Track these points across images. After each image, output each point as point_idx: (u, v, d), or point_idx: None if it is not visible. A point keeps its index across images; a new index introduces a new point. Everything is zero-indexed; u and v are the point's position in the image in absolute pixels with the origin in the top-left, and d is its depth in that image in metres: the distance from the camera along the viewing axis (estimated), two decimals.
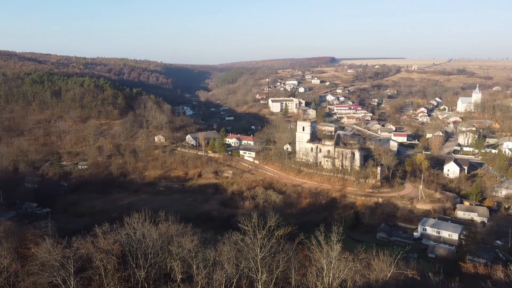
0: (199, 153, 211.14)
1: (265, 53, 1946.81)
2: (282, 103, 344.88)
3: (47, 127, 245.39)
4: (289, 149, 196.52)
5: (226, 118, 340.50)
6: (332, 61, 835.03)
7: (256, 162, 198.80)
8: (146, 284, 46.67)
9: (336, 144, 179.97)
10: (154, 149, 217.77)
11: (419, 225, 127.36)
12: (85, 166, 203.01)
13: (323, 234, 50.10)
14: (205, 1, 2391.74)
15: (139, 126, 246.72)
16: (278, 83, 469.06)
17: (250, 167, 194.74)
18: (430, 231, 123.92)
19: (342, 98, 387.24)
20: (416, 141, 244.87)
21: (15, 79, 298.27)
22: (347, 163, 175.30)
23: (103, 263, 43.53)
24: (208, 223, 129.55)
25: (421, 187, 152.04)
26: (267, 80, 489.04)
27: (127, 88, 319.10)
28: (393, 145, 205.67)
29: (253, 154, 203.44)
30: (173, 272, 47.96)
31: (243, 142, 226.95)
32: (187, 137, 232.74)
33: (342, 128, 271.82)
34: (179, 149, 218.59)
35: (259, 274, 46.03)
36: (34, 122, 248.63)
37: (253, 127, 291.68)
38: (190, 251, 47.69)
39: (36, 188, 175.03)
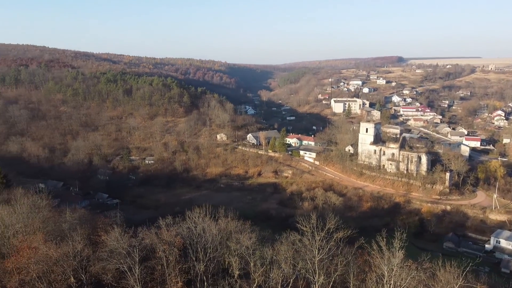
0: (260, 152, 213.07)
1: (328, 53, 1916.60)
2: (345, 104, 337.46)
3: (118, 123, 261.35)
4: (351, 151, 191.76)
5: (287, 118, 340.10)
6: (400, 60, 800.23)
7: (317, 163, 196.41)
8: (205, 277, 47.94)
9: (401, 147, 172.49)
10: (216, 147, 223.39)
11: (492, 237, 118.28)
12: (152, 161, 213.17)
13: (384, 239, 48.08)
14: (272, 3, 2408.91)
15: (202, 124, 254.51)
16: (342, 83, 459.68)
17: (310, 167, 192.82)
18: (504, 244, 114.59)
19: (409, 100, 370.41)
20: (491, 147, 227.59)
21: (92, 78, 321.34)
22: (412, 167, 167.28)
23: (166, 254, 45.38)
24: (266, 221, 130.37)
25: (495, 196, 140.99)
26: (330, 80, 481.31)
27: (192, 87, 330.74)
28: (465, 150, 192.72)
29: (313, 154, 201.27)
30: (230, 267, 48.80)
31: (304, 142, 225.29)
32: (248, 136, 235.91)
33: (408, 131, 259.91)
34: (240, 147, 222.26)
35: (316, 276, 45.35)
36: (108, 119, 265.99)
37: (314, 127, 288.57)
38: (248, 248, 48.20)
39: (108, 180, 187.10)
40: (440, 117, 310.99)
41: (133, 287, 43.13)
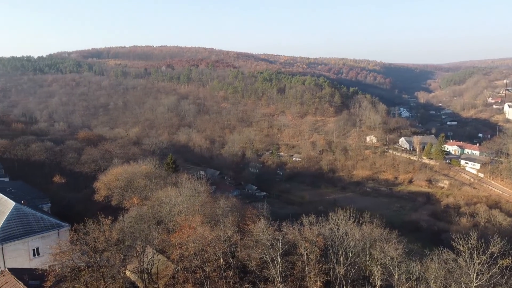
0: (412, 157, 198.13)
1: (505, 51, 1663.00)
2: None
3: (270, 120, 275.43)
4: None
5: (448, 123, 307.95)
6: None
7: (481, 175, 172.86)
8: (344, 282, 46.94)
9: None
10: (364, 149, 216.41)
11: None
12: (299, 159, 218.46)
13: None
14: None
15: (352, 125, 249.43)
16: None
17: (472, 180, 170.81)
18: None
19: None
20: None
21: (250, 77, 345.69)
22: None
23: (307, 251, 45.94)
24: (415, 233, 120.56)
25: None
26: (505, 81, 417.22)
27: (344, 87, 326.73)
28: None
29: (477, 165, 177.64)
30: (372, 276, 46.64)
31: (466, 151, 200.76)
32: (400, 140, 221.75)
33: None
34: (390, 151, 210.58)
35: None
36: (261, 115, 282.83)
37: (480, 134, 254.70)
38: (393, 259, 45.30)
39: (257, 173, 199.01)
40: None
41: (274, 278, 44.88)
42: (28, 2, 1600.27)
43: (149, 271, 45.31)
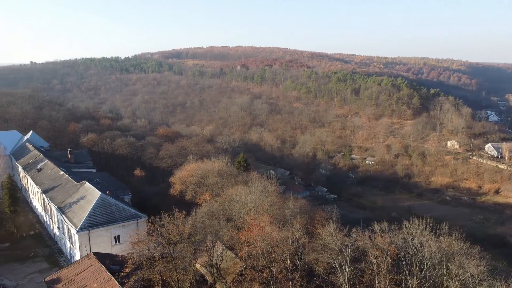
0: (500, 166, 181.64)
1: None
2: None
3: (343, 121, 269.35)
4: None
5: None
6: None
7: None
8: None
9: None
10: (445, 155, 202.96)
11: None
12: (372, 162, 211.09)
13: None
14: None
15: (431, 129, 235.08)
16: None
17: None
18: None
19: None
20: None
21: (324, 77, 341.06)
22: None
23: (377, 260, 44.10)
24: (501, 249, 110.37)
25: None
26: None
27: (424, 88, 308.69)
28: None
29: None
30: None
31: None
32: (486, 146, 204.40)
33: None
34: (474, 158, 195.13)
35: None
36: (334, 116, 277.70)
37: None
38: (473, 276, 41.83)
39: (328, 175, 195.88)
40: None
41: (342, 284, 43.74)
42: (116, 9, 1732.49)
43: (218, 266, 46.62)
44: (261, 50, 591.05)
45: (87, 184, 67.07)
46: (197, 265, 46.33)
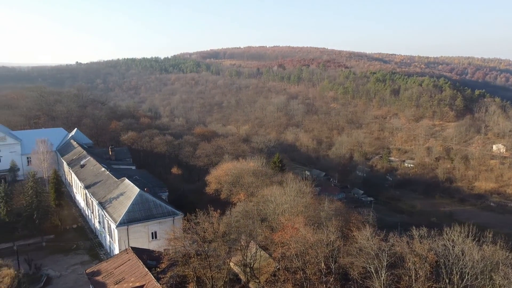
0: None
1: None
2: None
3: (382, 122, 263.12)
4: None
5: None
6: None
7: None
8: None
9: None
10: (490, 159, 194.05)
11: None
12: (411, 165, 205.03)
13: None
14: None
15: (475, 131, 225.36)
16: None
17: None
18: None
19: None
20: None
21: (362, 78, 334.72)
22: None
23: (415, 267, 42.72)
24: None
25: None
26: None
27: (468, 89, 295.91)
28: None
29: None
30: None
31: None
32: None
33: None
34: None
35: None
36: (372, 117, 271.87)
37: None
38: None
39: (365, 177, 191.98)
40: None
41: None
42: (156, 12, 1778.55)
43: (251, 265, 46.80)
44: (298, 50, 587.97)
45: (126, 180, 69.23)
46: (231, 263, 46.70)
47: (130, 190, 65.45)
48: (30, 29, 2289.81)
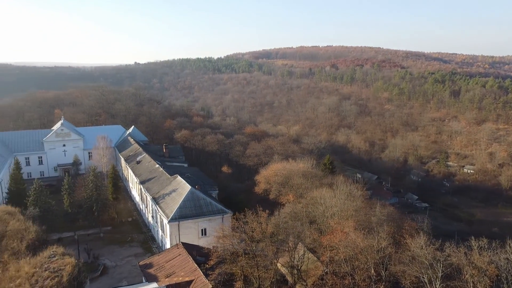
0: None
1: None
2: None
3: (440, 125, 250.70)
4: None
5: None
6: None
7: None
8: None
9: None
10: None
11: None
12: (471, 171, 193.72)
13: None
14: None
15: None
16: None
17: None
18: None
19: None
20: None
21: (419, 78, 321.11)
22: None
23: (473, 280, 40.26)
24: None
25: None
26: None
27: None
28: None
29: None
30: None
31: None
32: None
33: None
34: None
35: None
36: (429, 120, 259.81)
37: None
38: None
39: (419, 182, 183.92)
40: None
41: None
42: (210, 13, 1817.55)
43: (299, 267, 46.45)
44: (352, 50, 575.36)
45: (179, 177, 71.39)
46: (278, 264, 46.64)
47: (182, 187, 67.41)
48: (97, 32, 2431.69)
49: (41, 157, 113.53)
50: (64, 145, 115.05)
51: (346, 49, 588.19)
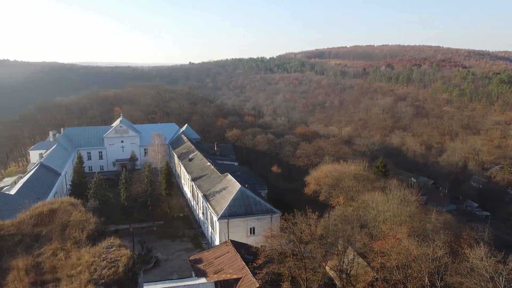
0: None
1: None
2: None
3: (505, 129, 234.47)
4: None
5: None
6: None
7: None
8: None
9: None
10: None
11: None
12: None
13: None
14: None
15: None
16: None
17: None
18: None
19: None
20: None
21: (483, 78, 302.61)
22: None
23: None
24: None
25: None
26: None
27: None
28: None
29: None
30: None
31: None
32: None
33: None
34: None
35: None
36: (492, 123, 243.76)
37: None
38: None
39: (480, 189, 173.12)
40: None
41: None
42: (262, 13, 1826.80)
43: (348, 272, 45.40)
44: (409, 49, 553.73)
45: (229, 176, 72.41)
46: (327, 267, 45.90)
47: (232, 186, 68.30)
48: (154, 33, 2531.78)
49: (101, 152, 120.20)
50: (122, 141, 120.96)
51: (403, 48, 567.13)
